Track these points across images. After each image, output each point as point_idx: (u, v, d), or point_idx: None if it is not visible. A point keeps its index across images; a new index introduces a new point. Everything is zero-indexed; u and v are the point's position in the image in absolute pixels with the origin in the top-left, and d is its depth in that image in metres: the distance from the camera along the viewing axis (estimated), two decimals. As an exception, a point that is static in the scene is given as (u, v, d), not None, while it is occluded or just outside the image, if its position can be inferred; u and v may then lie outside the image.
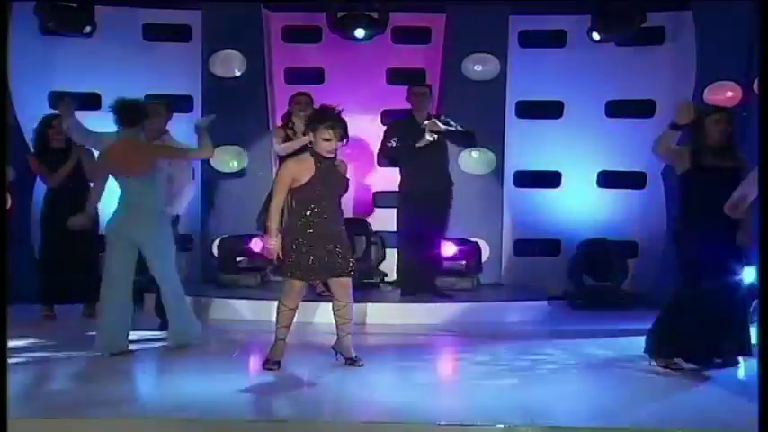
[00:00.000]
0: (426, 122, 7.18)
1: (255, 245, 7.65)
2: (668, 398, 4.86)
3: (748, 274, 5.31)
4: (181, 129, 7.39)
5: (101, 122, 7.78)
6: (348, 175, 5.93)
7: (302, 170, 5.22)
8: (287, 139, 7.20)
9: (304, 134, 5.93)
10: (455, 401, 4.80)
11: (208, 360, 5.77)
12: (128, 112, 5.83)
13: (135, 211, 5.73)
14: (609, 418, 4.57)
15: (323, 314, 6.41)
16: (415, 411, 4.52)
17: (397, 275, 7.68)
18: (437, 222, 7.44)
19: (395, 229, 7.60)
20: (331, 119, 5.21)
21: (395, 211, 7.54)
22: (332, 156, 5.30)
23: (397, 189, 7.48)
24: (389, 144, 7.40)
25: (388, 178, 8.05)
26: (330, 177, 5.29)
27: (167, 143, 6.39)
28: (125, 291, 5.80)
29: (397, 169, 7.49)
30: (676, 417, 4.50)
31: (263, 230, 6.70)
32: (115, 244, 5.76)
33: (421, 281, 7.46)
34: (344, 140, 5.31)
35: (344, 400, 4.75)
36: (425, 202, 7.27)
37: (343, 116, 5.27)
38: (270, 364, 5.29)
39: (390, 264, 7.90)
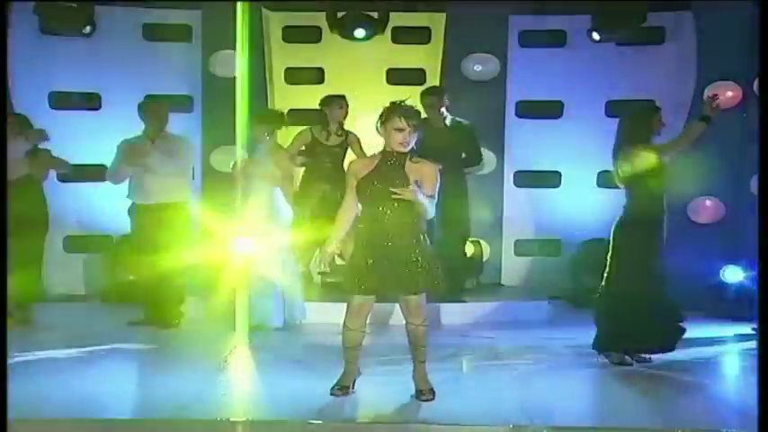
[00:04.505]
0: None
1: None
2: (668, 397, 4.86)
3: None
4: (181, 129, 7.43)
5: (101, 122, 7.85)
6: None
7: (364, 167, 4.65)
8: (316, 143, 7.26)
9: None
10: (455, 401, 4.80)
11: (200, 360, 5.79)
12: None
13: None
14: (608, 418, 4.58)
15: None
16: (415, 411, 4.52)
17: None
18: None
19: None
20: (404, 107, 4.55)
21: None
22: (404, 149, 4.55)
23: None
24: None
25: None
26: (392, 176, 4.54)
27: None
28: None
29: None
30: (676, 416, 4.51)
31: None
32: None
33: None
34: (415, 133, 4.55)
35: (345, 401, 4.75)
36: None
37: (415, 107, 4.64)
38: (335, 389, 4.78)
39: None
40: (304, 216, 7.17)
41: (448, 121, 7.38)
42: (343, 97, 7.46)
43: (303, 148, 7.41)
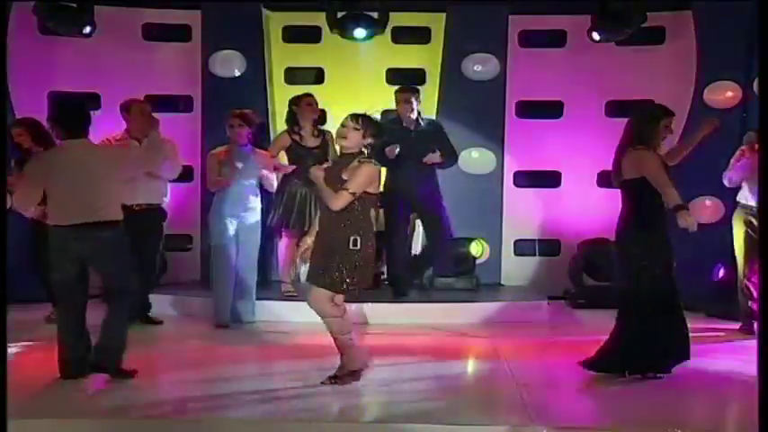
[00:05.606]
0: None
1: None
2: (668, 397, 4.86)
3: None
4: (182, 129, 7.44)
5: (101, 122, 7.84)
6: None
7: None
8: (296, 146, 7.19)
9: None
10: (455, 401, 4.80)
11: (201, 360, 5.78)
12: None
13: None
14: (608, 418, 4.58)
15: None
16: (415, 411, 4.52)
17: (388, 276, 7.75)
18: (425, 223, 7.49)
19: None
20: (356, 113, 4.82)
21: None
22: (346, 148, 4.85)
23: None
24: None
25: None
26: (334, 177, 4.79)
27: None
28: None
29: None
30: (676, 416, 4.51)
31: None
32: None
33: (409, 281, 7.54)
34: (366, 137, 4.79)
35: (344, 401, 4.75)
36: (409, 202, 7.30)
37: (373, 115, 4.88)
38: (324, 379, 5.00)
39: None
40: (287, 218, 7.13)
41: (421, 121, 7.38)
42: (311, 95, 7.37)
43: (283, 151, 7.33)
